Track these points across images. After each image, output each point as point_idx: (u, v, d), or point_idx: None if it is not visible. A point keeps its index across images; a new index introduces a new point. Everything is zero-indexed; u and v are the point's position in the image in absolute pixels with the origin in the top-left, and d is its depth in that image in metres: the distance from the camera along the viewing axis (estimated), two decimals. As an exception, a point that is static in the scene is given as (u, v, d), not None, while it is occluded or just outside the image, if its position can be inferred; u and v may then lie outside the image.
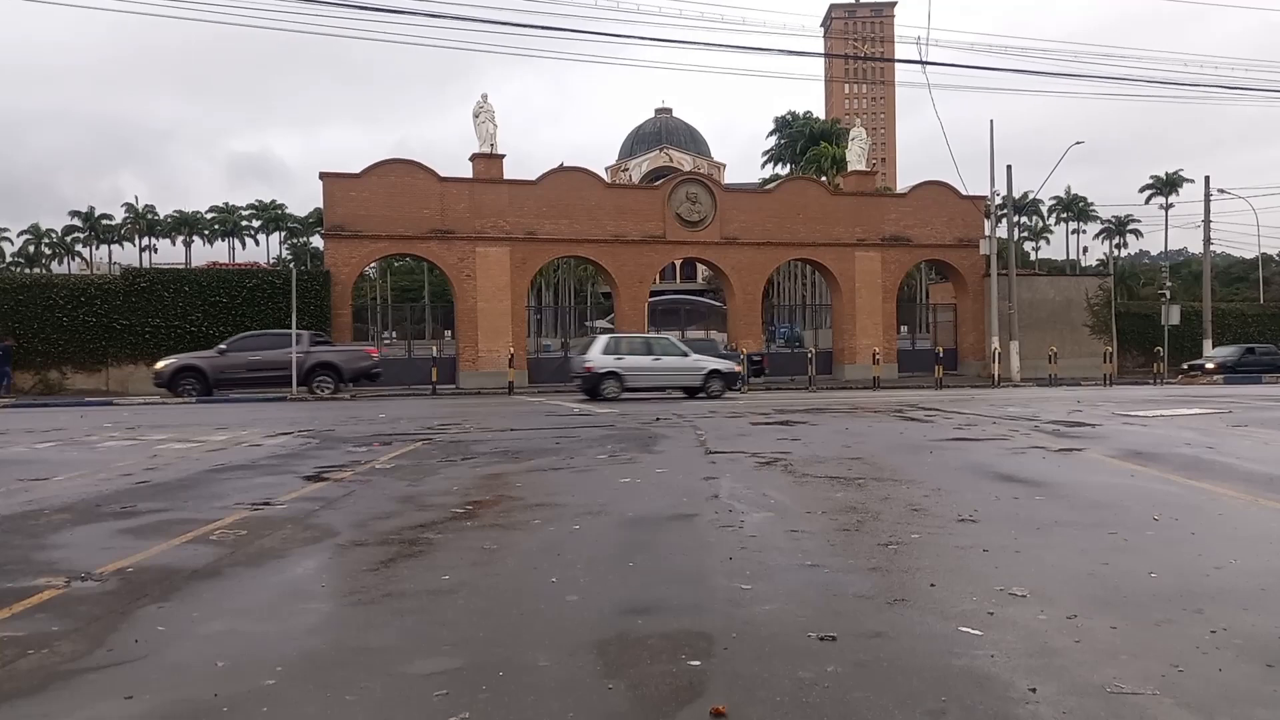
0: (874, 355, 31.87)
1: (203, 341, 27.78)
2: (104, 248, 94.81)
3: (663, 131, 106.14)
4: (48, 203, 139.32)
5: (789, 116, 69.53)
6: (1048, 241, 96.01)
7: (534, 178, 31.79)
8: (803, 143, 64.43)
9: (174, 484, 9.10)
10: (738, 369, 24.69)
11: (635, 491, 8.30)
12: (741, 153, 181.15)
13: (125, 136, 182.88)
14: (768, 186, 45.76)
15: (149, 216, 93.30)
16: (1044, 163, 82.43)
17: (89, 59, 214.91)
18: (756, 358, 30.80)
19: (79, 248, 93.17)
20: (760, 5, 42.58)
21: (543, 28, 19.02)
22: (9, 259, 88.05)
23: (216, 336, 27.95)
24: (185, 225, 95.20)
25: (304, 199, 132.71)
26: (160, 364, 24.07)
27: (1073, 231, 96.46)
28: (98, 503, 7.95)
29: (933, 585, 4.94)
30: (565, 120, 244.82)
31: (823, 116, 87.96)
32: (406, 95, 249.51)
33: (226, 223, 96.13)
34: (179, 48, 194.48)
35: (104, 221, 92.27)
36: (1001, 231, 34.17)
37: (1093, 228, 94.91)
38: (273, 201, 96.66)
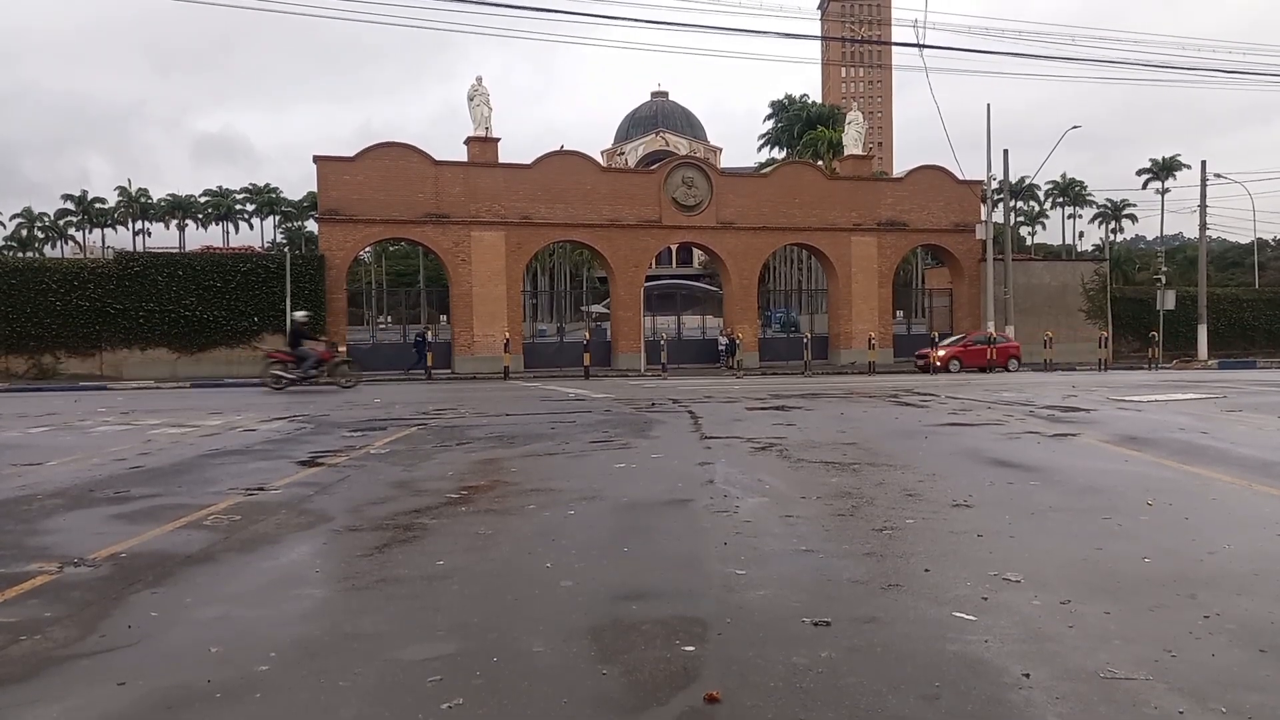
0: (870, 340, 31.90)
1: (197, 326, 27.78)
2: (97, 231, 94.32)
3: (659, 115, 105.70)
4: (11, 186, 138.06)
5: (785, 100, 69.12)
6: (1044, 226, 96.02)
7: (528, 161, 31.64)
8: (799, 126, 64.08)
9: (168, 469, 9.08)
10: None
11: (630, 477, 8.30)
12: (738, 136, 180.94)
13: (89, 117, 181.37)
14: (764, 171, 45.60)
15: (142, 200, 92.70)
16: (1038, 145, 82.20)
17: (50, 39, 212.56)
18: None
19: (72, 231, 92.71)
20: (757, -13, 42.36)
21: (529, 8, 18.64)
22: (1, 243, 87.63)
23: (211, 321, 27.94)
24: (179, 209, 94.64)
25: (296, 183, 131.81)
26: None
27: (1069, 216, 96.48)
28: (91, 488, 7.93)
29: (927, 570, 4.94)
30: (559, 103, 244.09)
31: (819, 100, 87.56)
32: (378, 73, 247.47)
33: (220, 206, 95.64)
34: (143, 25, 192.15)
35: (97, 205, 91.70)
36: (998, 216, 34.03)
37: (1088, 212, 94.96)
38: (267, 185, 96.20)
